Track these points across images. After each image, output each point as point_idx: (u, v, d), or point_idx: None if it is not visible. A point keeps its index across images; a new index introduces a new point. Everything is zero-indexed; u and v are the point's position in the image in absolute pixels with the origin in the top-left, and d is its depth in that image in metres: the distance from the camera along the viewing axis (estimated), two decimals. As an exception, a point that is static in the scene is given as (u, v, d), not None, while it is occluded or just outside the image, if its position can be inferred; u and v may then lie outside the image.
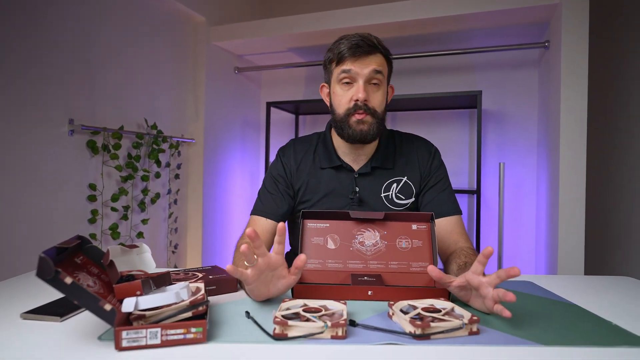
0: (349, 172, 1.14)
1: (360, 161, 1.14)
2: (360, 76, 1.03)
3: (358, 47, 1.01)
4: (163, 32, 2.29)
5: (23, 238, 1.59)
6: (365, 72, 1.02)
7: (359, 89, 1.03)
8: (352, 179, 1.13)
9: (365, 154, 1.14)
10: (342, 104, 1.06)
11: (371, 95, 1.04)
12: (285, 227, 0.73)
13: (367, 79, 1.03)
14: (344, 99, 1.06)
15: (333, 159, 1.14)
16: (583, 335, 0.66)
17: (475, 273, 0.72)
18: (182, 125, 2.45)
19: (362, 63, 1.02)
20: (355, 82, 1.04)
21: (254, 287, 0.75)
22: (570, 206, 1.85)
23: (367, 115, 1.04)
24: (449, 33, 2.30)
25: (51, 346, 0.61)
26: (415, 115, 2.70)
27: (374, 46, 1.03)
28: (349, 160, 1.14)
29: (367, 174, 1.13)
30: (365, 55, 1.02)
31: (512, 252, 2.47)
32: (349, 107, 1.05)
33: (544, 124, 2.23)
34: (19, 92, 1.57)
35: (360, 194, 1.12)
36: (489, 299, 0.70)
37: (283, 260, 0.76)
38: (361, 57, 1.02)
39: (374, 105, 1.05)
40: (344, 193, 1.13)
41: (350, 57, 1.02)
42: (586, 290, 0.94)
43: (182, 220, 2.49)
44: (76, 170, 1.79)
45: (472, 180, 2.54)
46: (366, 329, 0.67)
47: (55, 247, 0.62)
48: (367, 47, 1.02)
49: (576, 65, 1.84)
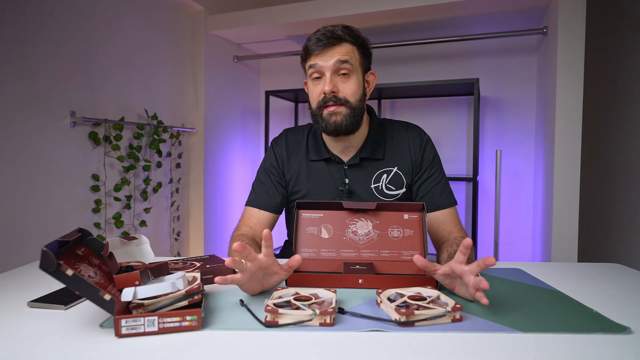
0: (338, 164, 1.15)
1: (349, 152, 1.15)
2: (326, 68, 1.04)
3: (319, 40, 1.03)
4: (162, 22, 2.29)
5: (29, 228, 1.64)
6: (329, 64, 1.03)
7: (325, 81, 1.04)
8: (341, 170, 1.14)
9: (353, 146, 1.14)
10: (313, 98, 1.08)
11: (340, 85, 1.05)
12: (270, 234, 0.75)
13: (333, 70, 1.04)
14: (314, 93, 1.07)
15: (322, 152, 1.15)
16: (561, 322, 0.69)
17: (458, 262, 0.75)
18: (182, 114, 2.48)
19: (326, 55, 1.03)
20: (323, 76, 1.05)
21: (247, 287, 0.78)
22: (564, 193, 1.87)
23: (340, 106, 1.05)
24: (447, 20, 2.29)
25: (55, 333, 0.65)
26: (413, 102, 2.70)
27: (337, 37, 1.03)
28: (337, 152, 1.15)
29: (356, 165, 1.14)
30: (330, 47, 1.03)
31: (509, 239, 2.50)
32: (319, 100, 1.06)
33: (542, 111, 2.24)
34: (21, 86, 1.60)
35: (350, 186, 1.14)
36: (471, 286, 0.73)
37: (273, 259, 0.79)
38: (325, 50, 1.03)
39: (345, 95, 1.05)
40: (333, 185, 1.14)
41: (315, 51, 1.04)
42: (575, 278, 0.96)
43: (184, 208, 2.53)
44: (79, 161, 1.83)
45: (469, 168, 2.56)
46: (354, 317, 0.70)
47: (57, 240, 0.65)
48: (329, 39, 1.03)
49: (573, 51, 1.84)
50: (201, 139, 2.52)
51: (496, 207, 2.19)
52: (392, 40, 2.60)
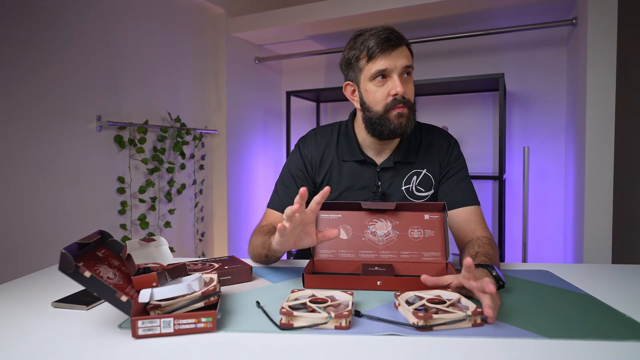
0: (372, 165, 1.13)
1: (384, 155, 1.13)
2: (395, 71, 1.01)
3: (388, 40, 1.00)
4: (183, 26, 2.33)
5: (58, 229, 1.69)
6: (399, 65, 1.01)
7: (395, 83, 1.01)
8: (374, 172, 1.13)
9: (389, 148, 1.13)
10: (378, 100, 1.04)
11: (406, 87, 1.03)
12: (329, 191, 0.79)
13: (400, 72, 1.02)
14: (379, 95, 1.03)
15: (356, 153, 1.13)
16: (591, 328, 0.65)
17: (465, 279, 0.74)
18: (204, 116, 2.51)
19: (394, 57, 1.01)
20: (389, 77, 1.02)
21: (284, 240, 0.82)
22: (596, 192, 1.79)
23: (406, 108, 1.03)
24: (470, 14, 2.23)
25: (75, 333, 0.66)
26: (436, 100, 2.65)
27: (401, 38, 1.02)
28: (372, 154, 1.13)
29: (389, 167, 1.13)
30: (395, 48, 1.01)
31: (538, 240, 2.41)
32: (387, 102, 1.03)
33: (572, 106, 2.15)
34: (50, 94, 1.65)
35: (383, 188, 1.12)
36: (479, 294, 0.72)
37: (314, 218, 0.82)
38: (394, 51, 1.01)
39: (409, 97, 1.04)
40: (366, 187, 1.13)
41: (382, 53, 1.00)
42: (607, 281, 0.92)
43: (208, 209, 2.57)
44: (105, 164, 1.88)
45: (495, 166, 2.49)
46: (370, 320, 0.69)
47: (77, 242, 0.67)
48: (396, 39, 1.01)
49: (604, 42, 1.76)
50: (224, 140, 2.55)
51: (524, 207, 2.12)
52: (414, 36, 2.56)
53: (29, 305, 0.79)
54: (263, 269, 1.03)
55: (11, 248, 1.54)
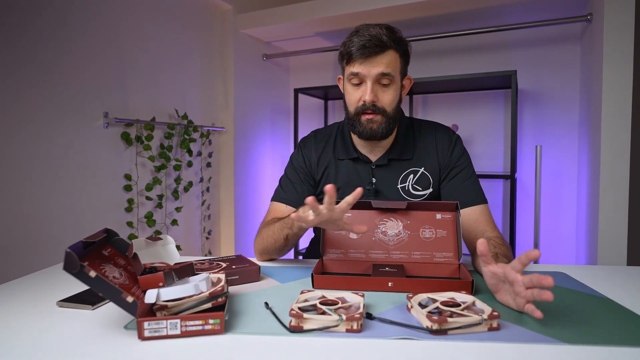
0: (366, 163, 1.14)
1: (378, 152, 1.13)
2: (368, 77, 1.01)
3: (365, 47, 0.98)
4: (190, 23, 2.31)
5: (64, 227, 1.69)
6: (372, 73, 1.00)
7: (366, 90, 1.02)
8: (369, 170, 1.13)
9: (382, 146, 1.13)
10: (351, 102, 1.06)
11: (380, 95, 1.03)
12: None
13: (374, 80, 1.01)
14: (353, 97, 1.06)
15: (350, 151, 1.15)
16: (610, 333, 0.62)
17: (513, 269, 0.70)
18: (212, 114, 2.50)
19: (370, 64, 1.00)
20: (363, 83, 1.03)
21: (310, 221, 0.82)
22: (611, 191, 1.75)
23: (377, 115, 1.04)
24: (482, 10, 2.19)
25: (80, 334, 0.65)
26: (446, 97, 2.61)
27: (382, 45, 0.99)
28: (366, 152, 1.14)
29: (384, 165, 1.13)
30: (374, 55, 0.99)
31: (550, 240, 2.37)
32: (358, 106, 1.05)
33: (586, 104, 2.10)
34: (58, 91, 1.65)
35: (377, 185, 1.12)
36: (522, 297, 0.68)
37: (342, 217, 0.82)
38: (369, 58, 0.99)
39: (383, 105, 1.04)
40: (360, 184, 1.12)
41: (359, 58, 1.00)
42: (625, 283, 0.89)
43: (215, 207, 2.56)
44: (112, 161, 1.87)
45: (507, 165, 2.45)
46: (382, 323, 0.67)
47: (82, 241, 0.65)
48: (375, 47, 0.98)
49: (621, 39, 1.71)
50: (231, 137, 2.54)
51: (536, 206, 2.08)
52: (424, 33, 2.52)
53: (34, 304, 0.78)
54: (271, 269, 1.01)
55: (18, 245, 1.54)
